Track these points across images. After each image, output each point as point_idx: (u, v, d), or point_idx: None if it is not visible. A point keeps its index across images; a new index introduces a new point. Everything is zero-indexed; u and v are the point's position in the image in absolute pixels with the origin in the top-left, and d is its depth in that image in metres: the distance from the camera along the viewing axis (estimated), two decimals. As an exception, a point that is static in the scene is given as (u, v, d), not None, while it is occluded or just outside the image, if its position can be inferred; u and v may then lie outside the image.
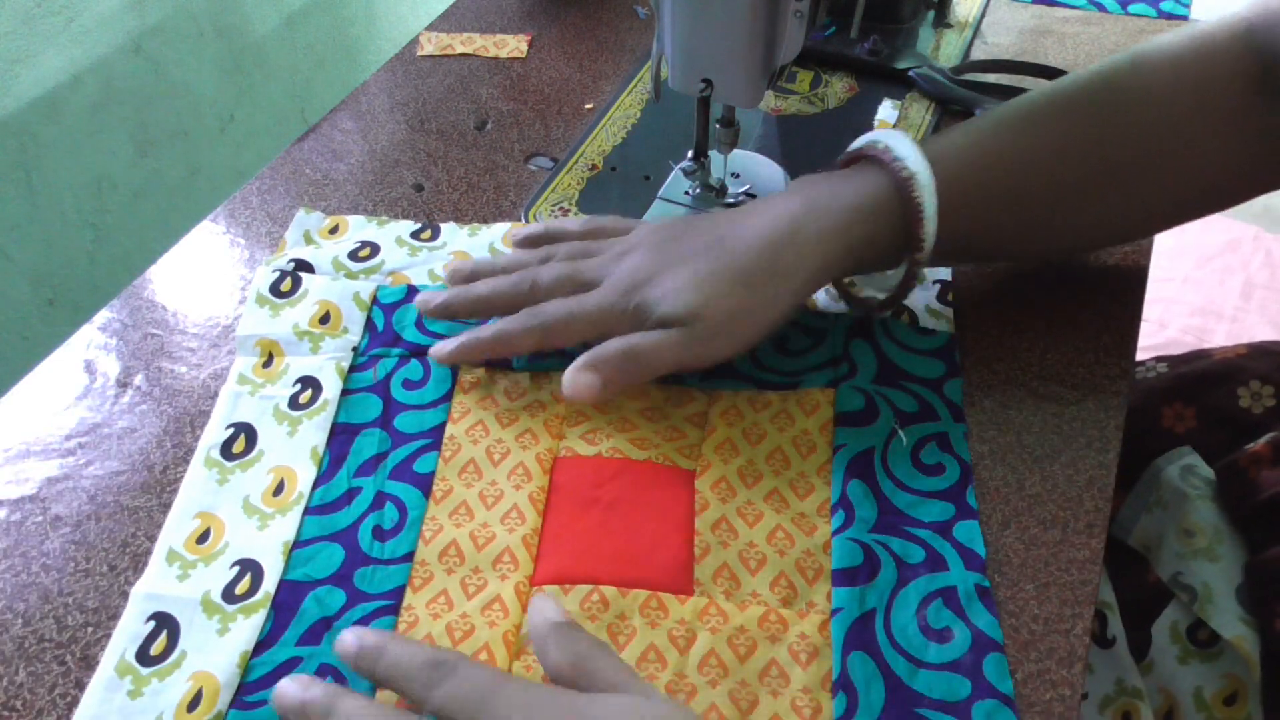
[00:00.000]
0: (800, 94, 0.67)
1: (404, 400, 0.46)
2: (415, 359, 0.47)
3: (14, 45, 0.83)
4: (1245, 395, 0.55)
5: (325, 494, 0.42)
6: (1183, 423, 0.56)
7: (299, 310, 0.49)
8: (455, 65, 0.70)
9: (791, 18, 0.48)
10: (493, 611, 0.38)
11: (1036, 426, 0.45)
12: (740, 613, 0.38)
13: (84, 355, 0.49)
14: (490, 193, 0.59)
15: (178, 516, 0.41)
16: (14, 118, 0.84)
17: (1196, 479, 0.52)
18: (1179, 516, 0.51)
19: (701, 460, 0.43)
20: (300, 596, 0.39)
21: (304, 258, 0.52)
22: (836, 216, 0.44)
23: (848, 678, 0.36)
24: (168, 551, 0.40)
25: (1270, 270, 1.57)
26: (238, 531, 0.41)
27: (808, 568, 0.39)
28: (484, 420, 0.45)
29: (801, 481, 0.42)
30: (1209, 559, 0.49)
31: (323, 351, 0.48)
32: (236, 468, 0.43)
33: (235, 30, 1.06)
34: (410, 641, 0.34)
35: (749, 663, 0.36)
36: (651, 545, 0.40)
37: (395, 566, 0.39)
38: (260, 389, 0.46)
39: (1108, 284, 0.53)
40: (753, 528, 0.40)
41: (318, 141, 0.63)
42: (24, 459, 0.44)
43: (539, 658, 0.34)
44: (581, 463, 0.43)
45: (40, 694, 0.37)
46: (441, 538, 0.40)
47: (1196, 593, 0.48)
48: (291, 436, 0.44)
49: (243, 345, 0.48)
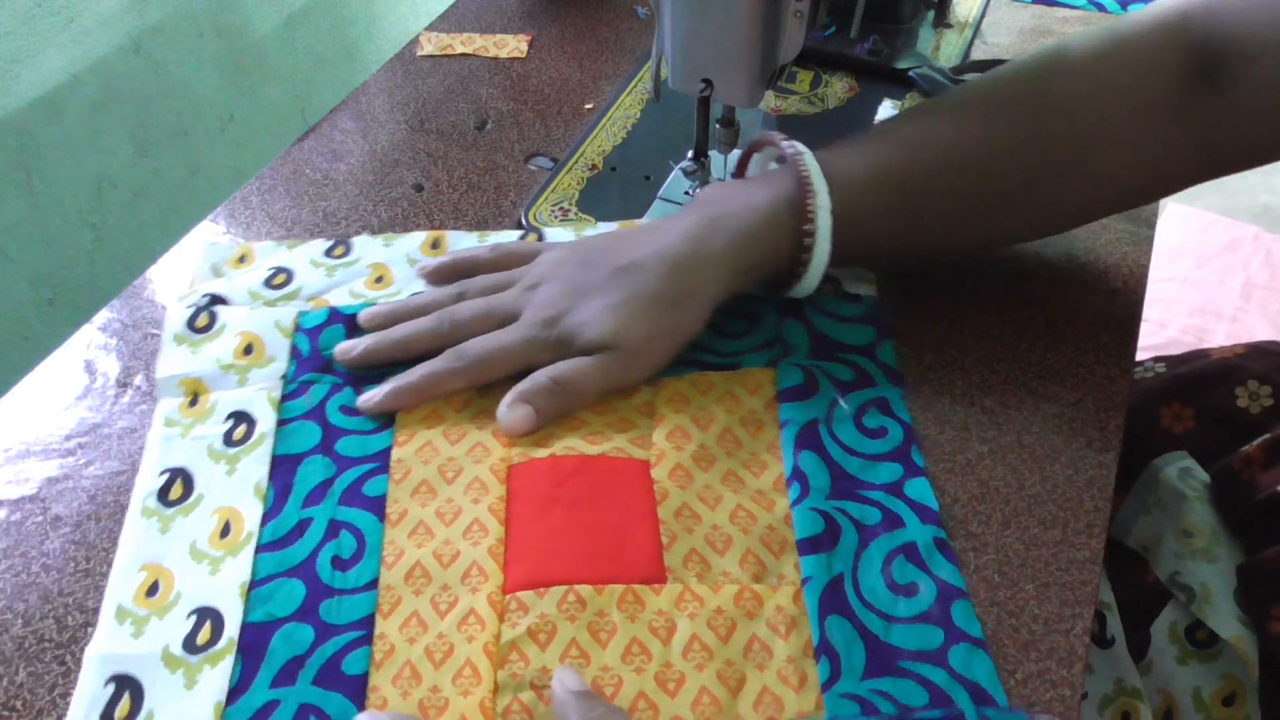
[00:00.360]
0: (800, 94, 0.67)
1: (343, 426, 0.44)
2: (349, 387, 0.46)
3: (14, 45, 0.83)
4: (1243, 395, 0.56)
5: (275, 529, 0.41)
6: (1181, 423, 0.56)
7: (220, 344, 0.48)
8: (455, 65, 0.70)
9: (791, 18, 0.48)
10: (469, 626, 0.37)
11: (1036, 426, 0.45)
12: (715, 595, 0.38)
13: (84, 355, 0.49)
14: (490, 193, 0.59)
15: (122, 571, 0.39)
16: (14, 118, 0.84)
17: (1194, 480, 0.52)
18: (1177, 517, 0.51)
19: (655, 450, 0.43)
20: (266, 637, 0.37)
21: (216, 292, 0.51)
22: (736, 233, 0.45)
23: (828, 642, 0.37)
24: (116, 609, 0.38)
25: (1270, 270, 1.57)
26: (188, 579, 0.39)
27: (772, 542, 0.40)
28: (431, 440, 0.43)
29: (754, 460, 0.43)
30: (1207, 559, 0.49)
31: (251, 383, 0.46)
32: (177, 514, 0.41)
33: (235, 30, 1.06)
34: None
35: (731, 642, 0.37)
36: (619, 539, 0.40)
37: (360, 595, 0.38)
38: (190, 430, 0.44)
39: (1108, 284, 0.53)
40: (714, 510, 0.41)
41: (318, 141, 0.63)
42: (24, 459, 0.44)
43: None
44: (537, 466, 0.42)
45: (40, 694, 0.37)
46: (404, 560, 0.39)
47: (1195, 593, 0.48)
48: (231, 475, 0.42)
49: (164, 387, 0.46)
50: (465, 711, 0.35)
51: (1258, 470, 0.50)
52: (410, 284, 0.51)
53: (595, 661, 0.36)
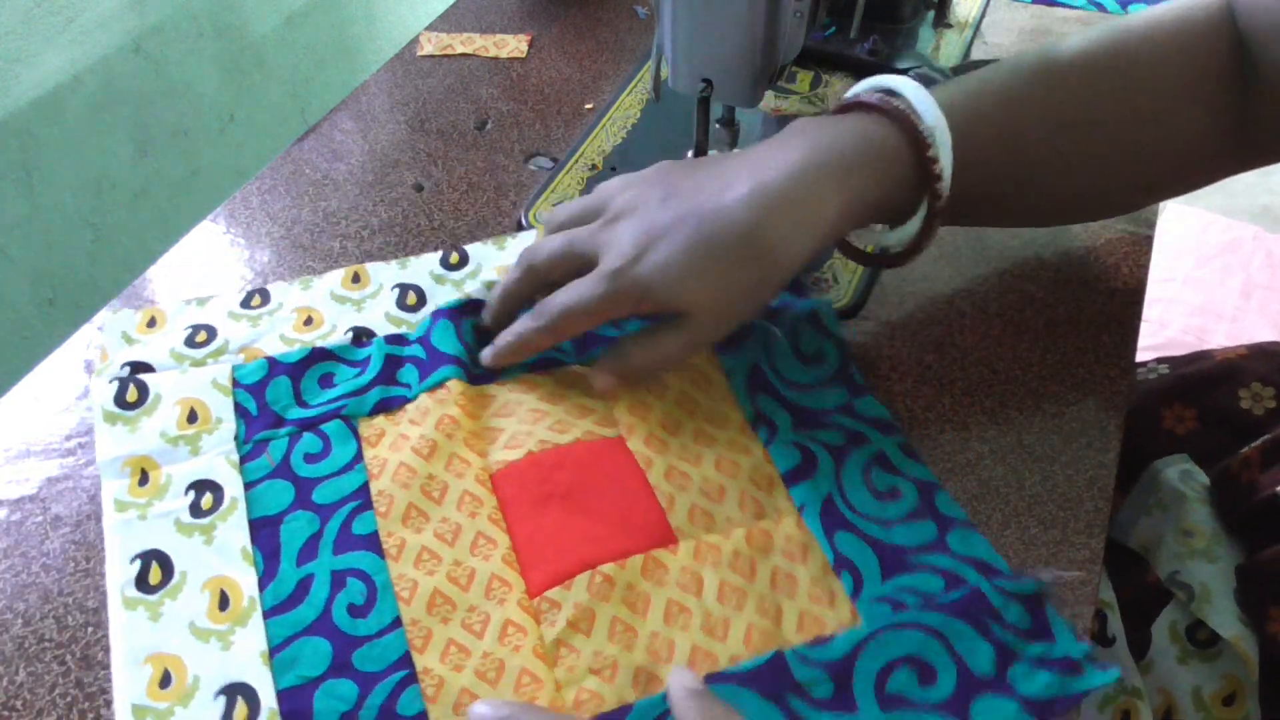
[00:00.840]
0: (800, 94, 0.67)
1: (313, 475, 0.43)
2: (308, 432, 0.44)
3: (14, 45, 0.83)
4: (1246, 396, 0.55)
5: (277, 593, 0.39)
6: (1183, 424, 0.56)
7: (159, 417, 0.44)
8: (455, 65, 0.70)
9: (791, 18, 0.48)
10: (510, 637, 0.37)
11: (1036, 426, 0.45)
12: (727, 540, 0.40)
13: (84, 355, 0.49)
14: (490, 193, 0.59)
15: (125, 668, 0.36)
16: (14, 118, 0.84)
17: (1195, 482, 0.52)
18: (1178, 517, 0.51)
19: (623, 425, 0.44)
20: (308, 699, 0.36)
21: (138, 359, 0.47)
22: (839, 174, 0.41)
23: (842, 557, 0.40)
24: (131, 709, 0.35)
25: (1270, 270, 1.57)
26: (201, 660, 0.37)
27: (760, 480, 0.43)
28: (404, 461, 0.42)
29: (715, 414, 0.45)
30: (1207, 559, 0.49)
31: (205, 451, 0.43)
32: (164, 597, 0.38)
33: (235, 30, 1.06)
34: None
35: (757, 579, 0.39)
36: (621, 514, 0.41)
37: (389, 636, 0.37)
38: (148, 509, 0.41)
39: (1108, 284, 0.53)
40: (698, 465, 0.43)
41: (318, 141, 0.63)
42: (24, 459, 0.44)
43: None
44: (517, 468, 0.42)
45: (40, 694, 0.37)
46: (420, 592, 0.38)
47: (1194, 592, 0.48)
48: (210, 544, 0.40)
49: (107, 470, 0.42)
50: None
51: (1256, 472, 0.50)
52: (343, 318, 0.49)
53: (642, 631, 0.37)
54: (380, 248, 0.55)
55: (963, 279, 0.52)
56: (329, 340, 0.48)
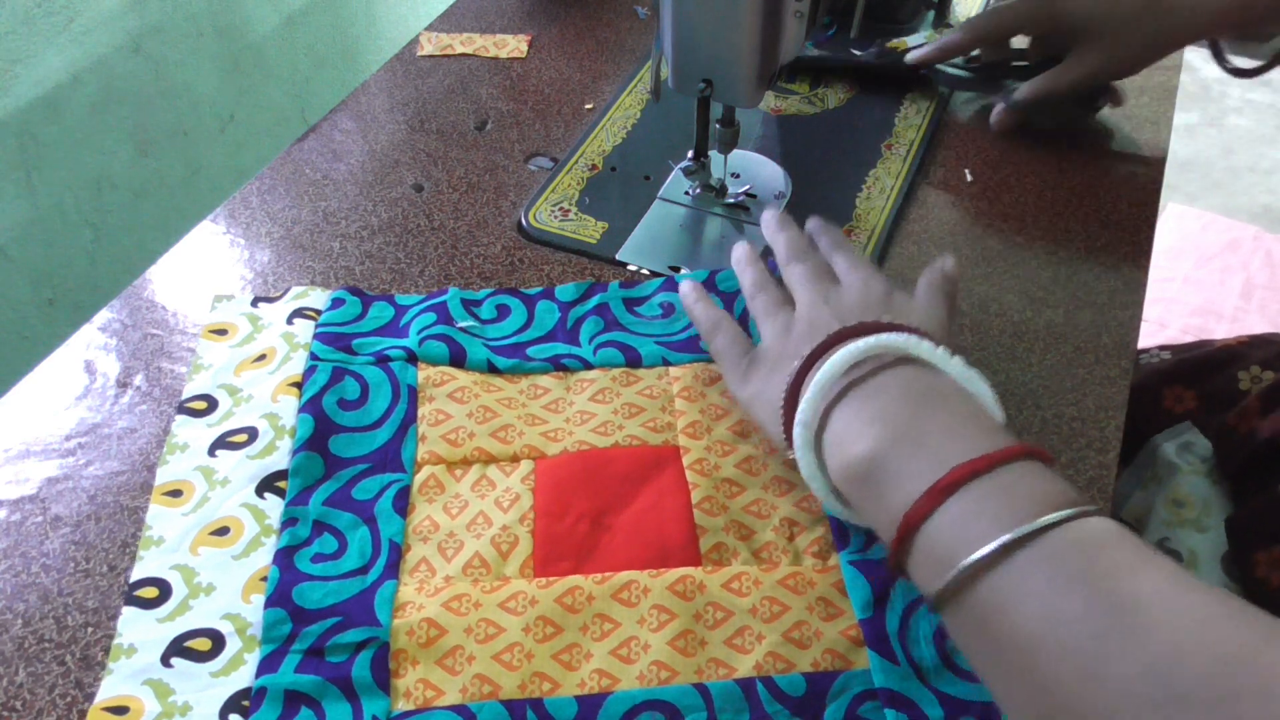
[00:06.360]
0: (800, 94, 0.67)
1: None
2: (373, 367, 0.47)
3: (14, 45, 0.83)
4: (1245, 379, 0.56)
5: (309, 473, 0.43)
6: (1182, 404, 0.57)
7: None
8: (455, 65, 0.70)
9: (791, 18, 0.48)
10: (482, 580, 0.39)
11: (1036, 426, 0.45)
12: (760, 572, 0.40)
13: (84, 355, 0.49)
14: (490, 193, 0.59)
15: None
16: (14, 118, 0.84)
17: (1192, 455, 0.53)
18: (1171, 489, 0.52)
19: (679, 440, 0.44)
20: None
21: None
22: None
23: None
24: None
25: (1270, 270, 1.57)
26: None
27: (801, 517, 0.42)
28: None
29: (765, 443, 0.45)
30: (1197, 529, 0.50)
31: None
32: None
33: (235, 30, 1.06)
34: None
35: (777, 622, 0.38)
36: (657, 526, 0.41)
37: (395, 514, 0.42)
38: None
39: (1108, 284, 0.53)
40: (738, 497, 0.42)
41: (318, 141, 0.63)
42: (24, 459, 0.44)
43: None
44: (555, 464, 0.43)
45: (40, 694, 0.37)
46: (437, 525, 0.42)
47: (1182, 558, 0.49)
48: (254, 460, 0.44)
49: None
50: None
51: (1255, 418, 0.51)
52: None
53: (619, 634, 0.38)
54: (380, 248, 0.55)
55: (962, 279, 0.52)
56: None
